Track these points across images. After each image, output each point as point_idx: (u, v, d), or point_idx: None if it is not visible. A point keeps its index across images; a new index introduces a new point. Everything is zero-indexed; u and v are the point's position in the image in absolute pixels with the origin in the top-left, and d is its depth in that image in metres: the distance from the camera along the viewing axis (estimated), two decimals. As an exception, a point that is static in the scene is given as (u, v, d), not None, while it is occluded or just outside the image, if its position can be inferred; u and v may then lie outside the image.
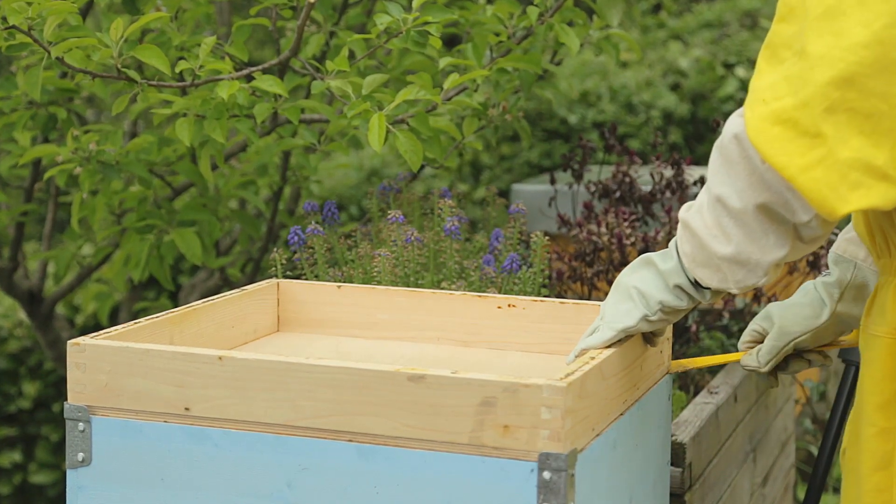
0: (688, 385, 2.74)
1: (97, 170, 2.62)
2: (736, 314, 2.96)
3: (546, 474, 1.45)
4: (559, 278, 2.70)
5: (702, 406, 2.39)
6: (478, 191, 5.60)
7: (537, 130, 5.78)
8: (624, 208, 2.73)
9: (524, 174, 5.69)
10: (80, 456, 1.64)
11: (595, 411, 1.56)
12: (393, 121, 2.36)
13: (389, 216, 2.40)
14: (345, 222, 4.97)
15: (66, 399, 1.65)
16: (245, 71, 2.40)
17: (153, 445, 1.61)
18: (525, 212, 2.57)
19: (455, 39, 3.97)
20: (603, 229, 2.70)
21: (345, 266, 2.51)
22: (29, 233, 5.38)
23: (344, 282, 2.33)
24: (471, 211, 5.11)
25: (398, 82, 2.86)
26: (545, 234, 2.44)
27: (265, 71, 2.44)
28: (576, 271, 2.71)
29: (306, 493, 1.55)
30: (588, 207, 2.84)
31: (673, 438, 2.18)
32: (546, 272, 2.42)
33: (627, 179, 2.92)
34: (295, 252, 2.43)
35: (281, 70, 2.58)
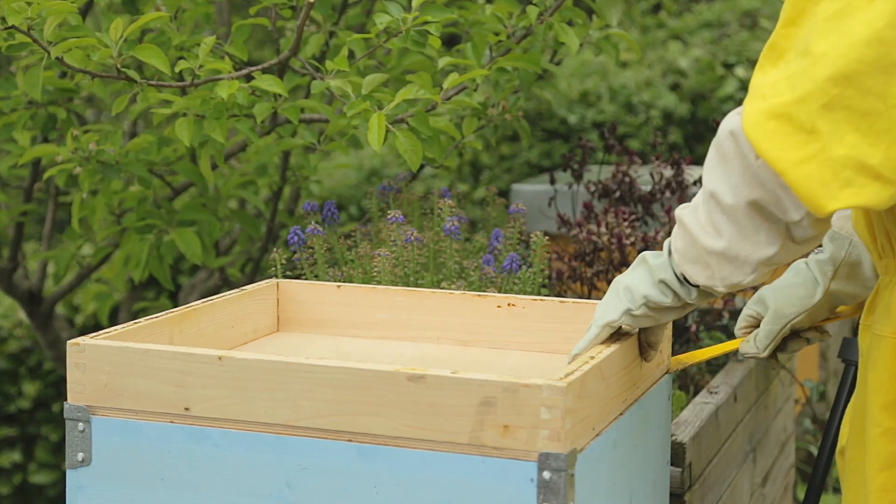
0: (687, 385, 2.74)
1: (97, 170, 2.61)
2: (736, 314, 2.95)
3: (546, 474, 1.45)
4: (559, 278, 2.70)
5: (701, 406, 2.39)
6: (477, 191, 5.60)
7: (537, 130, 5.78)
8: (624, 208, 2.73)
9: (524, 174, 5.69)
10: (80, 456, 1.64)
11: (595, 411, 1.56)
12: (392, 120, 2.36)
13: (389, 216, 2.40)
14: (344, 222, 4.97)
15: (66, 399, 1.65)
16: (245, 71, 2.40)
17: (153, 445, 1.61)
18: (525, 212, 2.57)
19: (454, 39, 3.97)
20: (603, 229, 2.70)
21: (345, 266, 2.51)
22: (29, 233, 5.38)
23: (344, 282, 2.33)
24: (470, 211, 5.11)
25: (398, 82, 2.86)
26: (545, 234, 2.44)
27: (265, 71, 2.44)
28: (575, 271, 2.71)
29: (306, 493, 1.55)
30: (588, 207, 2.84)
31: (673, 438, 2.18)
32: (546, 272, 2.42)
33: (627, 179, 2.92)
34: (295, 252, 2.43)
35: (280, 70, 2.58)
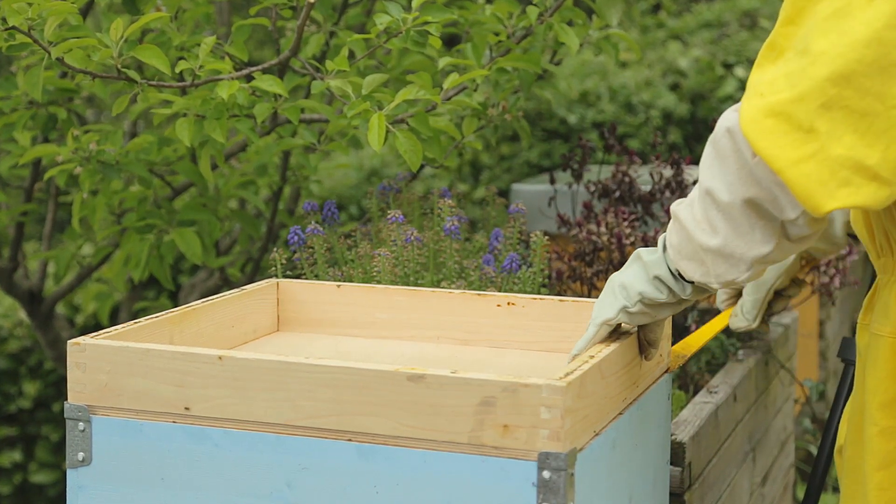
0: (687, 384, 2.75)
1: (97, 170, 2.62)
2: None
3: (546, 474, 1.45)
4: (559, 278, 2.70)
5: (701, 405, 2.39)
6: (477, 191, 5.60)
7: (537, 130, 5.78)
8: (623, 208, 2.73)
9: (524, 174, 5.70)
10: (81, 455, 1.64)
11: (594, 411, 1.57)
12: (392, 120, 2.36)
13: (389, 216, 2.40)
14: (344, 222, 4.98)
15: (67, 399, 1.65)
16: (245, 71, 2.40)
17: (153, 445, 1.62)
18: (525, 211, 2.57)
19: (454, 39, 3.97)
20: (602, 229, 2.70)
21: (345, 266, 2.51)
22: (29, 233, 5.38)
23: (344, 281, 2.33)
24: (470, 211, 5.11)
25: (398, 82, 2.86)
26: (545, 234, 2.44)
27: (265, 71, 2.45)
28: (575, 271, 2.71)
29: (306, 493, 1.56)
30: (587, 207, 2.84)
31: (672, 438, 2.18)
32: (546, 272, 2.42)
33: (627, 179, 2.92)
34: (295, 252, 2.43)
35: (281, 70, 2.58)
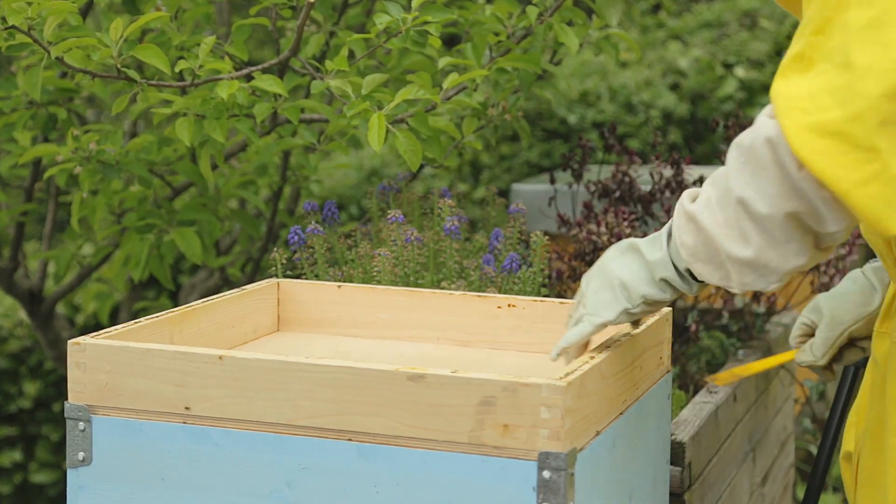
0: (687, 384, 2.75)
1: (97, 169, 2.62)
2: (735, 314, 2.96)
3: (546, 473, 1.45)
4: (559, 278, 2.70)
5: (701, 405, 2.39)
6: (477, 190, 5.61)
7: (537, 130, 5.78)
8: (623, 208, 2.73)
9: (524, 174, 5.70)
10: (81, 455, 1.64)
11: (594, 411, 1.57)
12: (392, 120, 2.36)
13: (389, 216, 2.40)
14: (345, 222, 4.98)
15: (67, 398, 1.65)
16: (245, 71, 2.40)
17: (153, 445, 1.62)
18: (525, 211, 2.57)
19: (454, 39, 3.97)
20: (603, 229, 2.70)
21: (345, 266, 2.51)
22: (29, 233, 5.38)
23: (344, 281, 2.33)
24: (470, 211, 5.11)
25: (398, 82, 2.86)
26: (545, 234, 2.44)
27: (265, 71, 2.45)
28: (575, 271, 2.71)
29: (306, 493, 1.56)
30: (588, 207, 2.84)
31: (672, 438, 2.18)
32: (546, 272, 2.42)
33: (627, 179, 2.92)
34: (295, 252, 2.43)
35: (281, 70, 2.58)
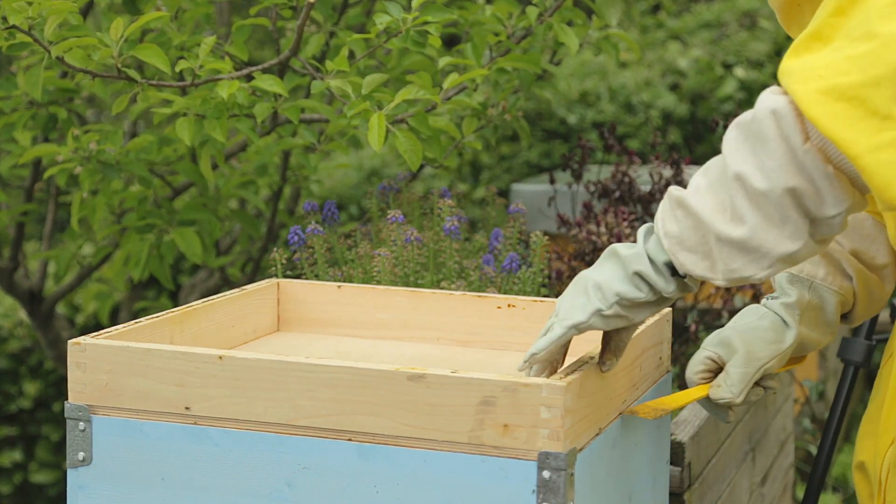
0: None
1: (97, 169, 2.62)
2: (735, 314, 2.95)
3: (545, 473, 1.46)
4: (559, 278, 2.70)
5: (701, 405, 2.39)
6: (477, 190, 5.61)
7: (536, 130, 5.78)
8: (623, 208, 2.73)
9: (523, 174, 5.70)
10: (81, 455, 1.64)
11: (594, 411, 1.57)
12: (392, 120, 2.36)
13: (389, 216, 2.40)
14: (345, 222, 4.98)
15: (67, 398, 1.66)
16: (245, 71, 2.40)
17: (153, 445, 1.62)
18: (524, 211, 2.57)
19: (454, 39, 3.97)
20: (602, 229, 2.70)
21: (345, 266, 2.51)
22: (29, 233, 5.38)
23: (344, 282, 2.33)
24: (470, 211, 5.11)
25: (398, 82, 2.86)
26: (545, 234, 2.44)
27: (265, 71, 2.45)
28: (575, 271, 2.72)
29: (306, 493, 1.56)
30: (587, 207, 2.85)
31: (672, 438, 2.18)
32: (545, 272, 2.42)
33: (627, 179, 2.92)
34: (295, 252, 2.43)
35: (281, 70, 2.58)
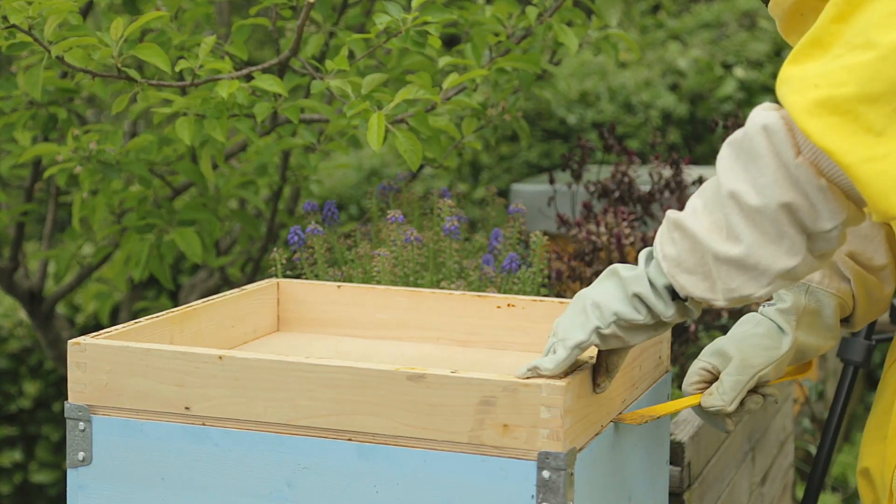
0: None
1: (97, 169, 2.62)
2: (736, 314, 2.96)
3: (545, 473, 1.46)
4: (558, 278, 2.70)
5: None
6: (477, 191, 5.61)
7: (536, 130, 5.78)
8: (623, 208, 2.73)
9: (523, 174, 5.70)
10: (81, 455, 1.64)
11: (594, 410, 1.57)
12: (392, 120, 2.36)
13: (389, 216, 2.41)
14: (344, 222, 4.98)
15: (67, 398, 1.66)
16: (245, 70, 2.40)
17: (153, 445, 1.62)
18: (524, 211, 2.57)
19: (454, 39, 3.98)
20: (602, 229, 2.70)
21: (344, 266, 2.51)
22: (29, 232, 5.38)
23: (344, 281, 2.33)
24: (470, 211, 5.11)
25: (397, 82, 2.86)
26: (544, 234, 2.44)
27: (265, 71, 2.45)
28: (575, 271, 2.72)
29: (306, 493, 1.56)
30: (587, 207, 2.85)
31: (672, 437, 2.18)
32: (545, 272, 2.42)
33: (626, 179, 2.93)
34: (295, 252, 2.44)
35: (280, 70, 2.58)
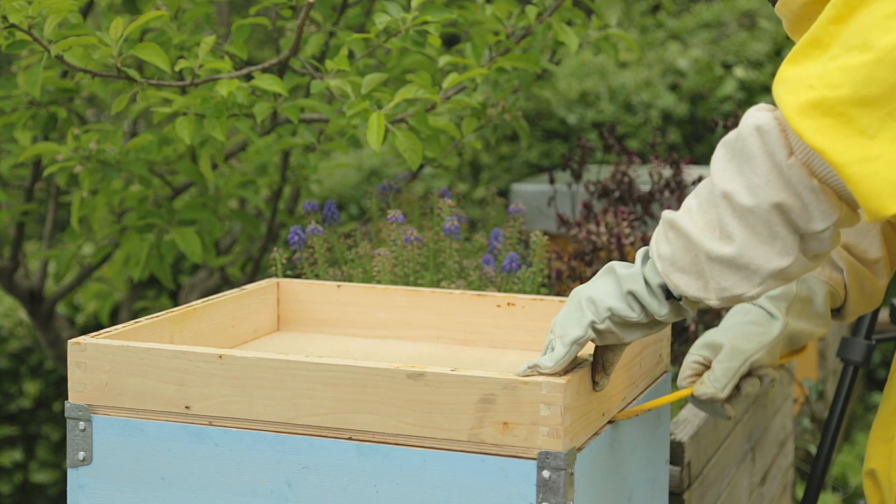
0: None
1: (97, 169, 2.62)
2: (735, 313, 2.96)
3: (545, 473, 1.46)
4: (558, 278, 2.70)
5: (700, 405, 2.39)
6: (477, 190, 5.61)
7: (536, 130, 5.78)
8: (623, 208, 2.73)
9: (523, 174, 5.70)
10: (81, 455, 1.64)
11: (594, 409, 1.57)
12: (392, 120, 2.36)
13: (389, 216, 2.41)
14: (344, 222, 4.98)
15: (67, 398, 1.66)
16: (245, 70, 2.40)
17: (154, 444, 1.62)
18: (524, 211, 2.57)
19: (454, 39, 3.98)
20: (602, 229, 2.70)
21: (344, 265, 2.51)
22: (29, 232, 5.39)
23: (344, 281, 2.33)
24: (470, 210, 5.11)
25: (397, 82, 2.86)
26: (544, 234, 2.44)
27: (265, 70, 2.45)
28: (575, 271, 2.72)
29: (306, 492, 1.56)
30: (587, 207, 2.85)
31: (672, 437, 2.18)
32: (545, 272, 2.42)
33: (626, 179, 2.93)
34: (295, 251, 2.44)
35: (280, 69, 2.59)
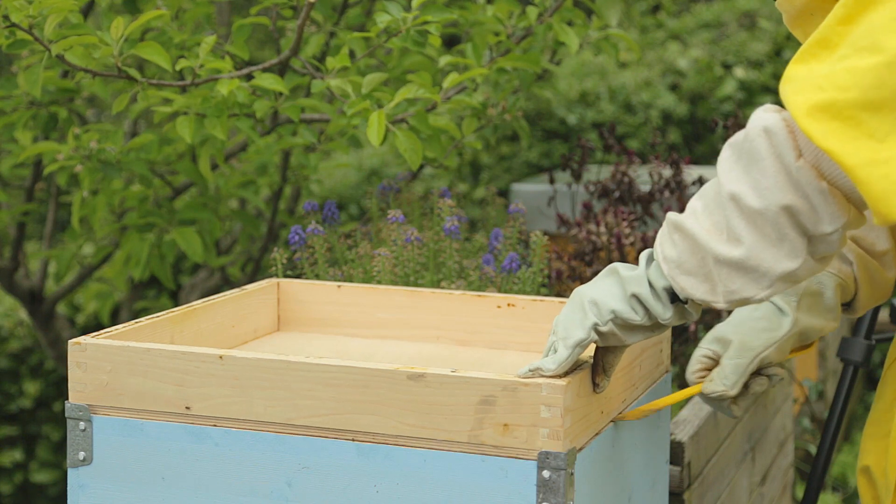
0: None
1: (98, 168, 2.62)
2: (735, 314, 2.96)
3: (545, 473, 1.46)
4: (558, 278, 2.71)
5: (700, 405, 2.39)
6: (477, 190, 5.61)
7: (536, 130, 5.79)
8: (623, 208, 2.73)
9: (523, 174, 5.70)
10: (81, 455, 1.65)
11: (594, 410, 1.57)
12: (393, 119, 2.36)
13: (389, 216, 2.41)
14: (345, 222, 4.98)
15: (68, 398, 1.66)
16: (245, 70, 2.41)
17: (154, 444, 1.62)
18: (524, 211, 2.58)
19: (455, 39, 3.98)
20: (602, 229, 2.70)
21: (345, 266, 2.52)
22: (30, 232, 5.39)
23: (344, 281, 2.34)
24: (470, 211, 5.12)
25: (398, 81, 2.86)
26: (544, 234, 2.45)
27: (265, 70, 2.45)
28: (575, 271, 2.72)
29: (306, 492, 1.56)
30: (587, 207, 2.85)
31: (672, 437, 2.18)
32: (545, 272, 2.42)
33: (626, 179, 2.93)
34: (295, 251, 2.44)
35: (281, 69, 2.59)
